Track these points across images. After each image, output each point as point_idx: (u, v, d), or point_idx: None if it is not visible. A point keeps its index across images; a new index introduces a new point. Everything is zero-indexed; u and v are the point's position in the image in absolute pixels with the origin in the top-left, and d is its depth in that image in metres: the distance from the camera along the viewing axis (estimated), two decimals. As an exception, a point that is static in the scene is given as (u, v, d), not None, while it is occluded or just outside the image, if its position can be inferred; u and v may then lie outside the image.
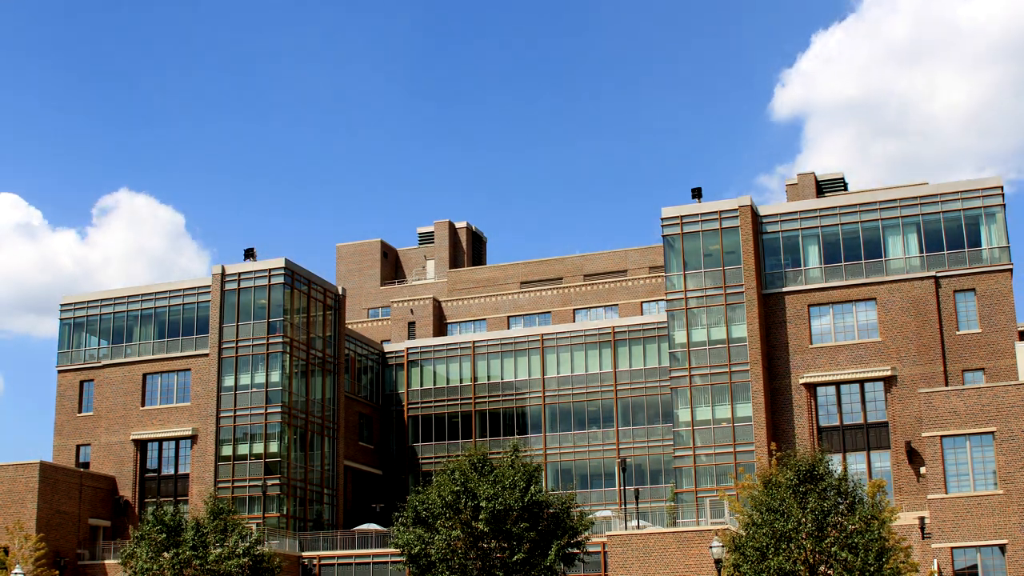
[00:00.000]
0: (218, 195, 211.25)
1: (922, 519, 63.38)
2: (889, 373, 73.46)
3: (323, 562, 75.66)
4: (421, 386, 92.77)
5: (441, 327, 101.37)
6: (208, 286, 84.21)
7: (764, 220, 78.39)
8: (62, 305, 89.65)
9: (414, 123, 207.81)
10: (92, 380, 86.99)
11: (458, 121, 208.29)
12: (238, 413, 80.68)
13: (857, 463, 73.24)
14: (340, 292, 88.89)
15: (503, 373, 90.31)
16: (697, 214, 78.17)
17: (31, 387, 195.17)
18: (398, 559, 66.34)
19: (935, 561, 59.45)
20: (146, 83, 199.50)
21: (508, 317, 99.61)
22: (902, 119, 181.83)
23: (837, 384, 74.94)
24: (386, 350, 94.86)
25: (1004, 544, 58.28)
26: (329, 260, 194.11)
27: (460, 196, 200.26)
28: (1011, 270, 73.44)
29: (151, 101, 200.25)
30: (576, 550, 59.69)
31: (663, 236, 78.92)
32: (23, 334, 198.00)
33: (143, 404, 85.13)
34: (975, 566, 58.97)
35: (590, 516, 62.04)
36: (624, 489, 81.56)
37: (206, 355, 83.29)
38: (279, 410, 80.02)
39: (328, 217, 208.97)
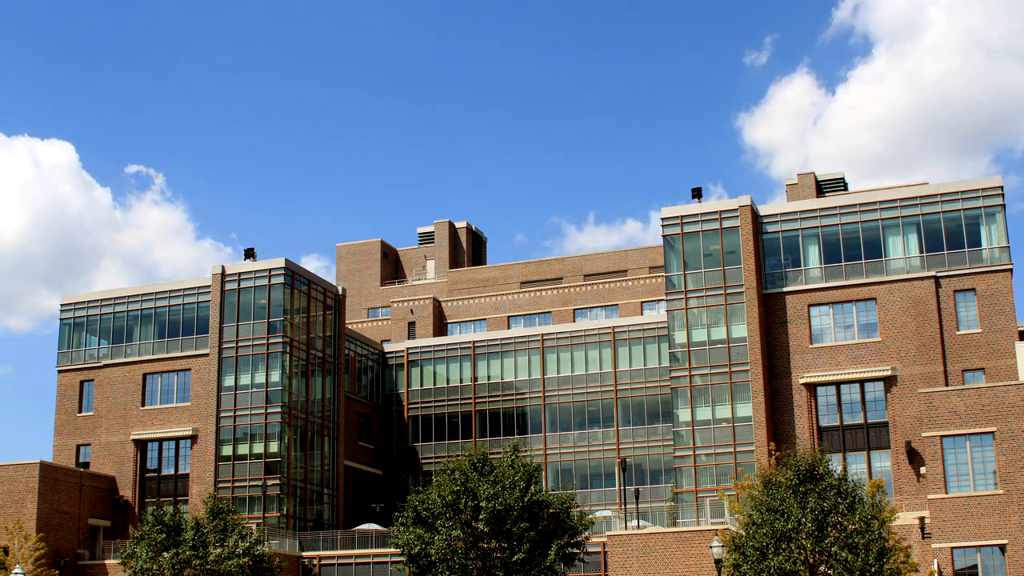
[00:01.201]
0: (219, 194, 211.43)
1: (922, 519, 63.36)
2: (889, 373, 73.44)
3: (323, 562, 75.66)
4: (421, 386, 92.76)
5: (441, 327, 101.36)
6: (208, 286, 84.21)
7: (764, 220, 78.38)
8: (62, 305, 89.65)
9: (414, 123, 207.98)
10: (92, 380, 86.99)
11: (458, 121, 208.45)
12: (238, 413, 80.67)
13: (857, 463, 73.20)
14: (340, 292, 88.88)
15: (503, 373, 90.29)
16: (697, 214, 78.17)
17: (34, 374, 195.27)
18: (398, 559, 66.34)
19: (935, 561, 59.44)
20: (148, 81, 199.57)
21: (508, 317, 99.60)
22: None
23: (837, 384, 74.91)
24: (386, 350, 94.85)
25: (1004, 544, 58.27)
26: (329, 260, 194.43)
27: (460, 196, 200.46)
28: (1011, 270, 73.42)
29: (154, 98, 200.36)
30: (576, 550, 59.68)
31: (663, 236, 78.91)
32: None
33: (143, 404, 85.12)
34: (975, 566, 58.96)
35: (590, 516, 62.03)
36: (624, 489, 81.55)
37: (206, 355, 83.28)
38: (279, 410, 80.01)
39: (328, 217, 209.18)
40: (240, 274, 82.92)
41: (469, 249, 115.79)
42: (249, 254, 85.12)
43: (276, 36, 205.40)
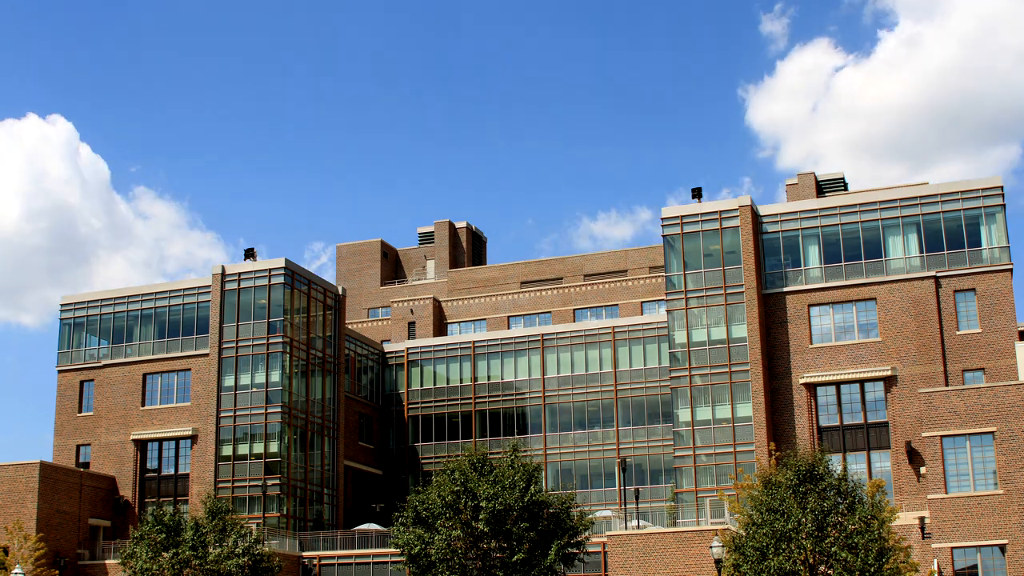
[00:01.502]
0: (218, 194, 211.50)
1: (922, 519, 63.35)
2: (889, 373, 73.42)
3: (323, 562, 75.65)
4: (421, 386, 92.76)
5: (441, 327, 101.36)
6: (208, 286, 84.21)
7: (764, 220, 78.37)
8: (62, 305, 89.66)
9: (415, 123, 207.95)
10: (92, 380, 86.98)
11: (459, 121, 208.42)
12: (238, 413, 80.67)
13: (857, 463, 73.19)
14: (340, 292, 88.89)
15: (503, 373, 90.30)
16: (697, 214, 78.16)
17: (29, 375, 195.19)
18: (398, 559, 66.34)
19: (935, 561, 59.43)
20: (150, 78, 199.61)
21: (508, 317, 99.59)
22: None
23: (837, 384, 74.90)
24: (386, 350, 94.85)
25: (1004, 544, 58.27)
26: (329, 260, 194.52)
27: (460, 196, 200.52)
28: (1011, 270, 73.40)
29: (155, 95, 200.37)
30: (576, 550, 59.66)
31: (663, 236, 78.91)
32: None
33: (143, 404, 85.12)
34: (975, 566, 58.96)
35: (590, 516, 62.02)
36: (624, 489, 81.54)
37: (206, 355, 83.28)
38: (279, 410, 80.00)
39: (328, 217, 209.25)
40: (240, 274, 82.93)
41: (469, 249, 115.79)
42: (249, 254, 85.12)
43: (277, 36, 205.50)
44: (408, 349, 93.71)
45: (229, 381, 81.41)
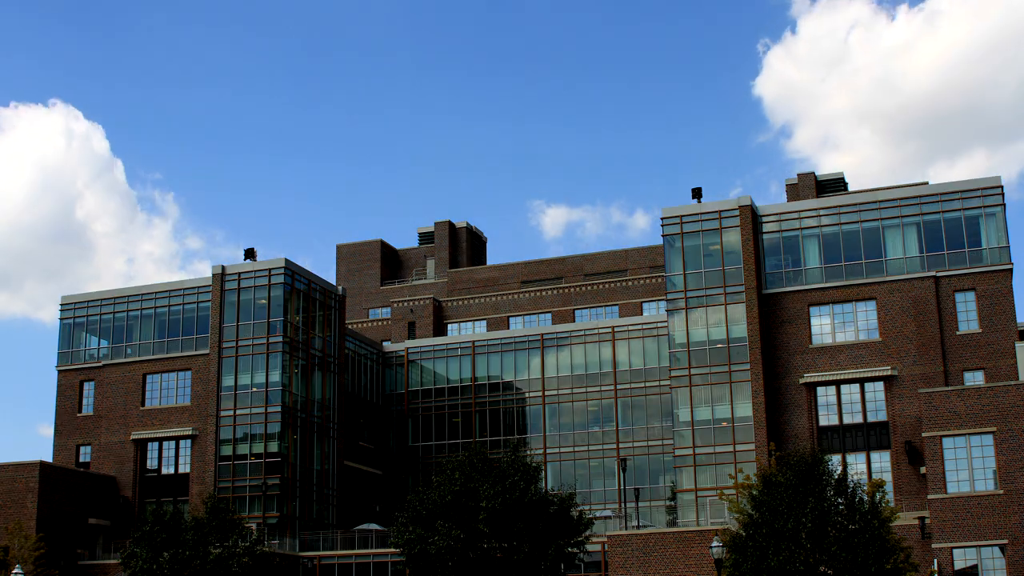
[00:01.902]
0: (218, 194, 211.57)
1: (922, 519, 63.32)
2: (889, 373, 73.40)
3: (323, 562, 75.64)
4: (421, 385, 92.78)
5: (441, 327, 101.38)
6: (208, 286, 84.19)
7: (764, 220, 78.32)
8: (62, 305, 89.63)
9: (414, 123, 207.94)
10: (92, 380, 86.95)
11: (458, 121, 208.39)
12: (238, 413, 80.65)
13: (857, 463, 73.15)
14: (340, 292, 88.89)
15: (503, 372, 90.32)
16: (697, 214, 78.14)
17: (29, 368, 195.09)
18: (398, 559, 66.37)
19: (935, 561, 59.43)
20: (140, 90, 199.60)
21: (508, 317, 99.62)
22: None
23: (837, 384, 74.86)
24: (386, 350, 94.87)
25: (1004, 544, 58.25)
26: (329, 260, 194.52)
27: (460, 196, 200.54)
28: (1011, 270, 73.32)
29: (156, 95, 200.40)
30: (576, 550, 59.70)
31: (663, 236, 78.89)
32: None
33: (143, 404, 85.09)
34: (975, 566, 58.94)
35: (590, 516, 62.05)
36: (624, 489, 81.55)
37: (206, 355, 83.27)
38: (279, 410, 79.98)
39: (328, 217, 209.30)
40: (240, 274, 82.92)
41: (469, 249, 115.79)
42: (249, 254, 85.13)
43: (275, 36, 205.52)
44: (408, 349, 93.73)
45: (229, 381, 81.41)
